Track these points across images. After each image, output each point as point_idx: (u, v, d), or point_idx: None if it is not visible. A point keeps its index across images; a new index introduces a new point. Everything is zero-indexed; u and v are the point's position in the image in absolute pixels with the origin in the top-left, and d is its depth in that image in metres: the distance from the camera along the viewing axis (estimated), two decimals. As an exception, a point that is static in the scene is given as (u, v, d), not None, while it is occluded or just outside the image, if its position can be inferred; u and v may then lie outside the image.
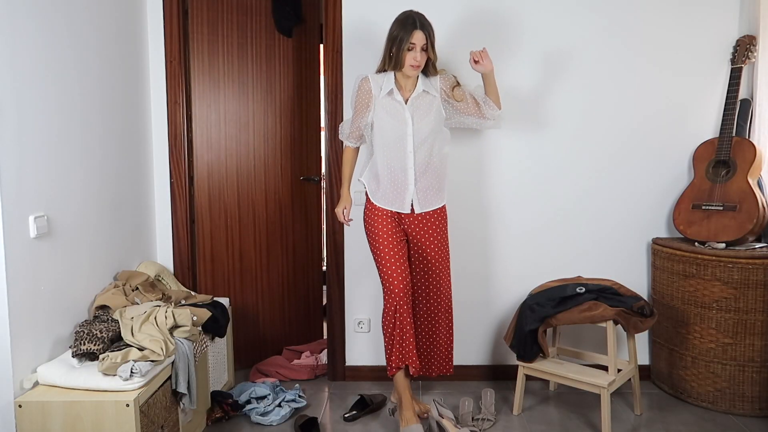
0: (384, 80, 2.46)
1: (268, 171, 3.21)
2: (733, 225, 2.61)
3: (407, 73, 2.41)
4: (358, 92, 2.49)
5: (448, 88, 2.52)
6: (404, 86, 2.47)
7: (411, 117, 2.44)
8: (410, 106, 2.45)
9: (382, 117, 2.45)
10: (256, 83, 3.14)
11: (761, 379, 2.55)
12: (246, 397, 2.64)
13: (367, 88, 2.47)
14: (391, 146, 2.46)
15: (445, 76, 2.54)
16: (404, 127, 2.44)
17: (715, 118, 2.86)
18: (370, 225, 2.52)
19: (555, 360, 2.62)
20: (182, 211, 2.96)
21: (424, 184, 2.49)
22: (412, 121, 2.44)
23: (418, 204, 2.50)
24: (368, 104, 2.48)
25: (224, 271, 3.12)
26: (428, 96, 2.48)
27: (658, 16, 2.83)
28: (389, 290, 2.46)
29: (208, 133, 3.04)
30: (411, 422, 2.42)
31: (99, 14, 2.41)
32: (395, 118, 2.45)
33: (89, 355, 2.01)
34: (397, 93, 2.45)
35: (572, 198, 2.92)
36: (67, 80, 2.17)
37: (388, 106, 2.45)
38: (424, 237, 2.52)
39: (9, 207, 1.83)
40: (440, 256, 2.55)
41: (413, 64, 2.36)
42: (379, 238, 2.48)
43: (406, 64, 2.38)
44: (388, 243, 2.48)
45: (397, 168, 2.46)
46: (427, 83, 2.48)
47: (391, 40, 2.39)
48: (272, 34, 3.17)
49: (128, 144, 2.67)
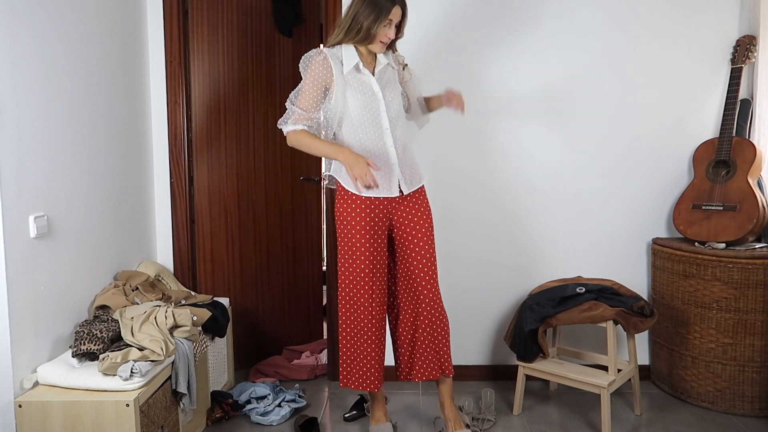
0: (343, 54, 2.19)
1: (268, 171, 3.21)
2: (733, 225, 2.61)
3: (375, 49, 2.18)
4: (311, 67, 2.15)
5: (399, 66, 2.33)
6: (366, 60, 2.23)
7: (381, 91, 2.22)
8: (378, 80, 2.23)
9: (351, 95, 2.18)
10: (255, 83, 3.14)
11: (761, 379, 2.55)
12: (246, 397, 2.64)
13: (326, 63, 2.16)
14: (364, 126, 2.20)
15: (397, 53, 2.35)
16: (377, 103, 2.21)
17: (715, 118, 2.86)
18: (346, 221, 2.23)
19: (555, 360, 2.62)
20: (182, 211, 2.96)
21: (406, 162, 2.27)
22: (383, 95, 2.22)
23: (405, 184, 2.25)
24: (325, 81, 2.17)
25: (224, 271, 3.12)
26: (390, 69, 2.29)
27: (658, 16, 2.83)
28: (354, 305, 2.24)
29: (208, 133, 3.03)
30: (380, 421, 2.40)
31: (99, 14, 2.41)
32: (366, 94, 2.20)
33: (89, 355, 2.01)
34: (363, 68, 2.20)
35: (572, 198, 2.92)
36: (67, 80, 2.17)
37: (356, 82, 2.19)
38: (414, 222, 2.27)
39: (9, 207, 1.83)
40: (430, 246, 2.29)
41: (384, 40, 2.16)
42: (356, 241, 2.21)
43: (377, 40, 2.15)
44: (366, 249, 2.21)
45: (376, 149, 2.21)
46: (389, 55, 2.29)
47: (363, 13, 2.10)
48: (272, 34, 3.17)
49: (128, 144, 2.67)
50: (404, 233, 2.29)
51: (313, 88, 2.16)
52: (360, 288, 2.25)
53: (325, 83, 2.18)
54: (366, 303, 2.25)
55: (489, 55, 2.85)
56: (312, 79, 2.16)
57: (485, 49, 2.85)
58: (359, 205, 2.22)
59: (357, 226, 2.22)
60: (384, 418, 2.42)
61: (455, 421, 2.34)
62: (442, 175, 2.90)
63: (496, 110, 2.87)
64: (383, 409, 2.43)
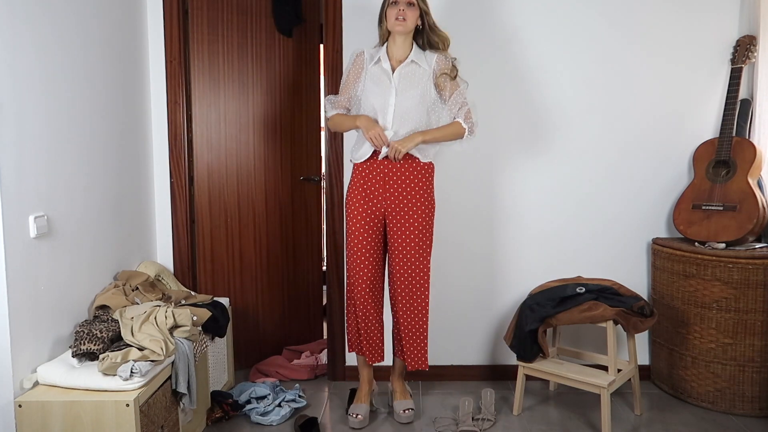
0: (377, 52, 2.43)
1: (268, 171, 3.21)
2: (733, 225, 2.61)
3: (394, 29, 2.32)
4: (352, 65, 2.46)
5: (439, 70, 2.38)
6: (394, 56, 2.39)
7: (395, 86, 2.35)
8: (396, 75, 2.37)
9: (368, 87, 2.40)
10: (256, 83, 3.14)
11: (761, 379, 2.55)
12: (246, 397, 2.64)
13: (361, 60, 2.44)
14: (372, 115, 2.39)
15: (443, 58, 2.40)
16: (387, 96, 2.35)
17: (715, 118, 2.86)
18: (348, 204, 2.50)
19: (555, 360, 2.62)
20: (182, 211, 2.96)
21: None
22: (396, 91, 2.35)
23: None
24: (359, 75, 2.43)
25: (224, 271, 3.12)
26: (417, 68, 2.37)
27: (658, 16, 2.83)
28: (350, 284, 2.53)
29: (208, 133, 3.04)
30: (359, 401, 2.59)
31: (99, 14, 2.41)
32: (379, 85, 2.38)
33: (89, 355, 2.01)
34: (385, 61, 2.39)
35: (572, 198, 2.92)
36: (67, 80, 2.17)
37: (374, 74, 2.40)
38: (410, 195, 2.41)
39: (9, 207, 1.83)
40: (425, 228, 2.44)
41: (397, 18, 2.27)
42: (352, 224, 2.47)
43: (390, 20, 2.30)
44: (360, 233, 2.45)
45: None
46: (420, 55, 2.39)
47: (382, 2, 2.37)
48: (272, 34, 3.17)
49: (128, 144, 2.67)
50: (395, 217, 2.47)
51: (350, 80, 2.45)
52: (356, 260, 2.49)
53: (358, 76, 2.44)
54: (359, 276, 2.49)
55: (489, 54, 2.85)
56: (351, 73, 2.46)
57: (485, 49, 2.85)
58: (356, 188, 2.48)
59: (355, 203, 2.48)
60: (363, 399, 2.60)
61: (401, 392, 2.63)
62: (442, 175, 2.90)
63: (497, 109, 2.87)
64: (365, 393, 2.62)
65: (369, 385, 2.64)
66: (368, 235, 2.46)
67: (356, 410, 2.55)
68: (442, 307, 2.96)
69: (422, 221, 2.44)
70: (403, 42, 2.39)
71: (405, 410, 2.55)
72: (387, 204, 2.45)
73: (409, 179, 2.43)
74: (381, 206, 2.45)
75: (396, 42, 2.39)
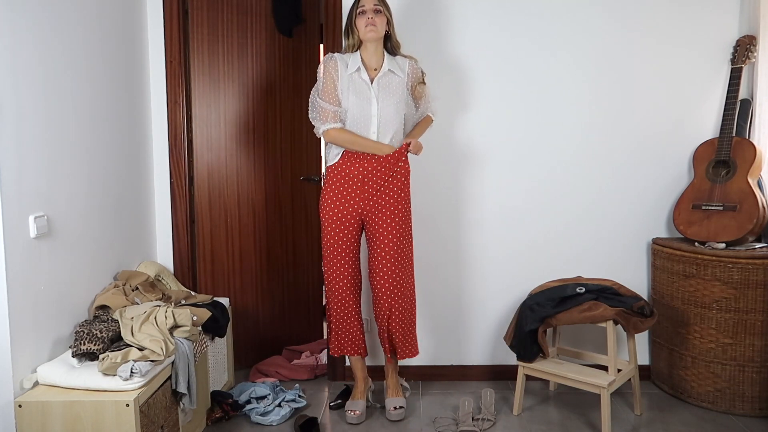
0: (350, 59, 2.44)
1: (268, 171, 3.21)
2: (733, 225, 2.61)
3: (365, 37, 2.39)
4: (324, 69, 2.44)
5: (415, 79, 2.52)
6: (369, 65, 2.45)
7: (376, 96, 2.42)
8: (376, 85, 2.43)
9: (348, 97, 2.42)
10: (256, 83, 3.14)
11: (761, 379, 2.55)
12: (246, 397, 2.64)
13: (334, 65, 2.43)
14: (357, 125, 2.42)
15: (415, 66, 2.53)
16: (369, 106, 2.41)
17: (715, 118, 2.86)
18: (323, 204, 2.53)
19: (555, 360, 2.62)
20: (182, 211, 2.96)
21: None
22: (377, 100, 2.42)
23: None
24: (335, 80, 2.42)
25: (224, 271, 3.12)
26: (394, 77, 2.47)
27: (658, 16, 2.82)
28: (328, 284, 2.56)
29: (208, 133, 3.04)
30: (356, 398, 2.64)
31: (99, 14, 2.41)
32: (360, 96, 2.41)
33: (89, 355, 2.01)
34: (363, 71, 2.43)
35: (572, 198, 2.92)
36: (67, 80, 2.17)
37: (354, 84, 2.42)
38: (387, 195, 2.46)
39: (9, 207, 1.83)
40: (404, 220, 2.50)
41: (368, 25, 2.36)
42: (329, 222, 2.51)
43: (361, 28, 2.37)
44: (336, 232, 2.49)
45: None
46: (394, 63, 2.48)
47: (348, 15, 2.44)
48: (272, 34, 3.17)
49: (128, 144, 2.67)
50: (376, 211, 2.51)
51: (329, 85, 2.42)
52: (332, 258, 2.54)
53: (335, 81, 2.42)
54: (336, 274, 2.54)
55: (488, 54, 2.85)
56: (327, 78, 2.42)
57: (484, 48, 2.85)
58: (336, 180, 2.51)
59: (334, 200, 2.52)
60: (359, 396, 2.64)
61: (394, 388, 2.66)
62: (444, 174, 2.90)
63: (495, 110, 2.88)
64: (361, 390, 2.66)
65: (365, 383, 2.69)
66: (345, 234, 2.51)
67: (353, 406, 2.59)
68: (442, 308, 2.96)
69: (402, 214, 2.50)
70: (375, 49, 2.47)
71: (395, 407, 2.59)
72: (365, 203, 2.48)
73: (388, 175, 2.47)
74: (358, 206, 2.49)
75: (368, 50, 2.45)
